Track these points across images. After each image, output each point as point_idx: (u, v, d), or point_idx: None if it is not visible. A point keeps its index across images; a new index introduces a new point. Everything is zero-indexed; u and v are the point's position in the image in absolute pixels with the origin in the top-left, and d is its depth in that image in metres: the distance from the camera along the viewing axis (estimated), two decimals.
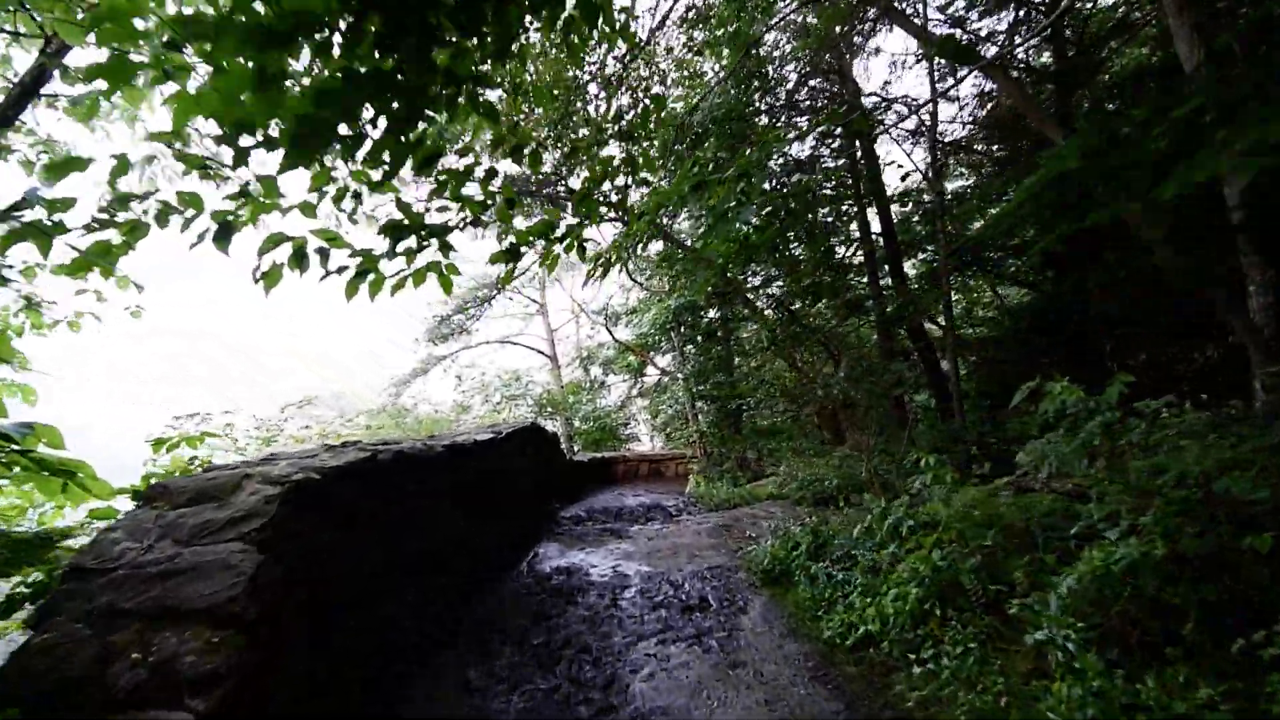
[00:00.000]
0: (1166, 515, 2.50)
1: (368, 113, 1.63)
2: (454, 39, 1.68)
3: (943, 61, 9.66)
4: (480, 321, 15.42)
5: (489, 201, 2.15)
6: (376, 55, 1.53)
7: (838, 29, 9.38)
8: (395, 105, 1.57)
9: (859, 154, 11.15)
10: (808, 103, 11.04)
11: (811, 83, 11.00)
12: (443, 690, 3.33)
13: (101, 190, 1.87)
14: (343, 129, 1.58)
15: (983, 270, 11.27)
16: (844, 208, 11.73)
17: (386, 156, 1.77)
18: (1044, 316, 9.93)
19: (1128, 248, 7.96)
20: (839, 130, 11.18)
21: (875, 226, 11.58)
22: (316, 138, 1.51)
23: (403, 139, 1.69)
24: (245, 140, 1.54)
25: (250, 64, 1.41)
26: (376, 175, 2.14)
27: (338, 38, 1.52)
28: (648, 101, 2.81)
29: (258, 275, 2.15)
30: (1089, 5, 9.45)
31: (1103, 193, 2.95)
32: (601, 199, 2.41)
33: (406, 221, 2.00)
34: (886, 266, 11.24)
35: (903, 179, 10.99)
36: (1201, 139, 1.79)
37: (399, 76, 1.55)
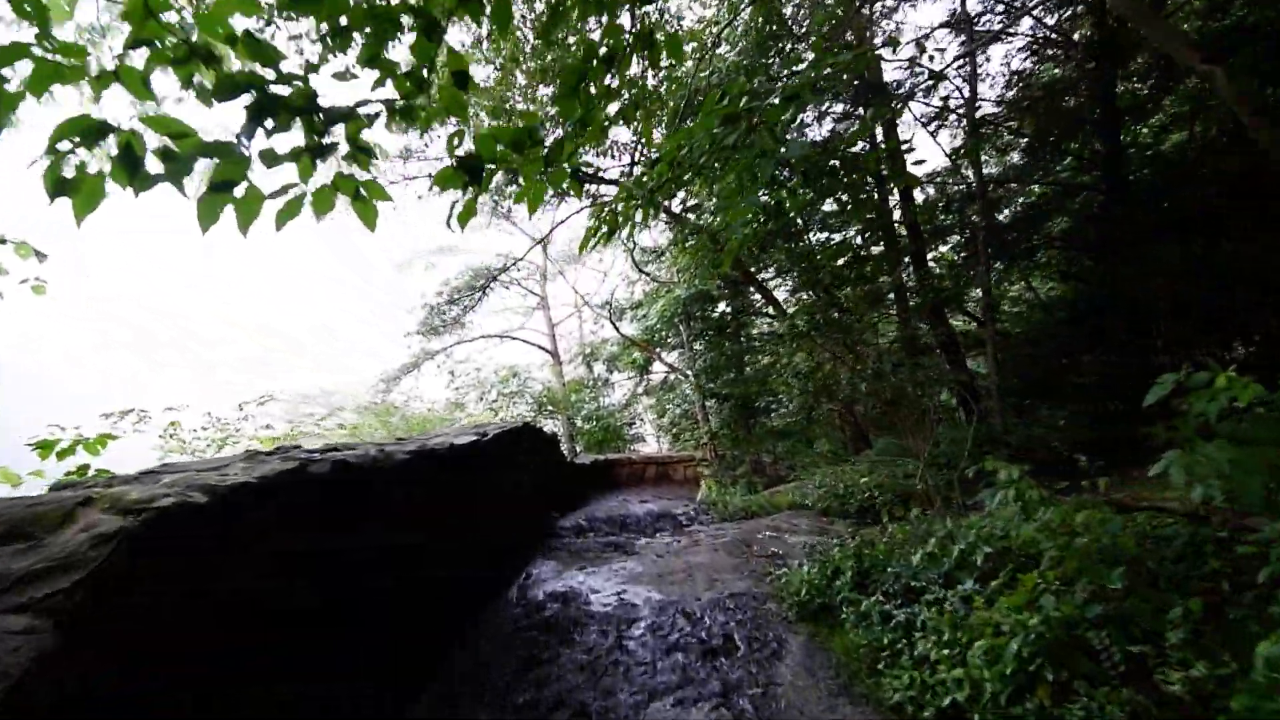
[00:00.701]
0: None
1: None
2: None
3: (979, 27, 8.88)
4: (476, 314, 14.59)
5: (425, 73, 1.35)
6: None
7: (857, 3, 8.62)
8: None
9: (880, 138, 10.40)
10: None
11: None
12: None
13: None
14: None
15: (1010, 262, 10.53)
16: (861, 197, 11.00)
17: None
18: (1074, 307, 9.25)
19: (1149, 240, 7.51)
20: (861, 111, 10.42)
21: (896, 215, 10.84)
22: None
23: None
24: None
25: None
26: (244, 24, 1.34)
27: None
28: None
29: (53, 186, 1.35)
30: None
31: None
32: (597, 90, 1.61)
33: (281, 90, 1.20)
34: (907, 259, 10.48)
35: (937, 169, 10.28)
36: None
37: None
